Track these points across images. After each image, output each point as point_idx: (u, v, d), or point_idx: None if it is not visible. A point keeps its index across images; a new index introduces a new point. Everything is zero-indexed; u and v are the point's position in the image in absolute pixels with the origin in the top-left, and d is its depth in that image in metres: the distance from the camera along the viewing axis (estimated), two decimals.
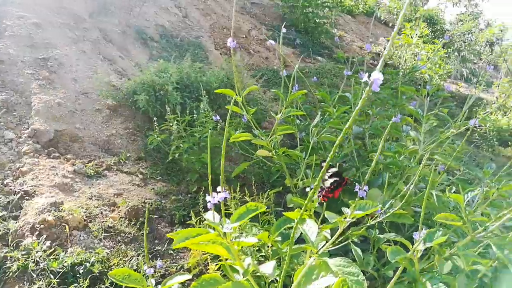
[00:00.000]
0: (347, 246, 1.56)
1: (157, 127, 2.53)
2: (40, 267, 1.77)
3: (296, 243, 1.55)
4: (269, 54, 5.74)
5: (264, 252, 1.55)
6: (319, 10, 6.73)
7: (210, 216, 1.05)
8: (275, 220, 1.65)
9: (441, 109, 1.71)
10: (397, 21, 0.58)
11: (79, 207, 2.14)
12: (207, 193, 2.31)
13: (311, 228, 1.18)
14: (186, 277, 1.32)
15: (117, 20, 4.50)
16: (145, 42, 4.48)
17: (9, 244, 1.86)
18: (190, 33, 5.12)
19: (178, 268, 1.99)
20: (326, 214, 1.15)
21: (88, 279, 1.75)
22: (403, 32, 7.23)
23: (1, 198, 2.08)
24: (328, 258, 1.09)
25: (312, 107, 2.55)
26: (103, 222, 2.12)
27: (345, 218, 1.05)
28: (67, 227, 1.99)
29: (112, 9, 4.62)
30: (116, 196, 2.34)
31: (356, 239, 1.57)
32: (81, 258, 1.85)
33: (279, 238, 1.52)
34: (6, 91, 2.82)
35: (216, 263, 1.73)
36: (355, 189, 1.01)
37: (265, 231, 1.54)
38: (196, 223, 1.72)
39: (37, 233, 1.93)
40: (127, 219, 2.18)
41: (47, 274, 1.74)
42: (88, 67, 3.55)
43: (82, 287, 1.73)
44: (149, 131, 2.84)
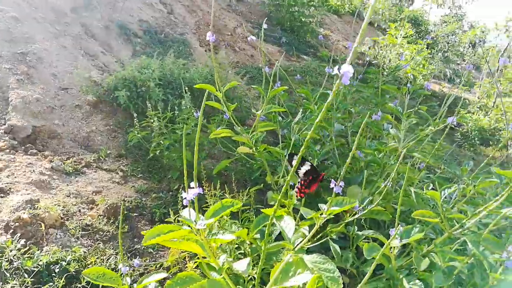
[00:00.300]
0: (328, 243, 1.56)
1: (137, 123, 2.49)
2: (14, 266, 1.71)
3: (276, 240, 1.54)
4: (255, 52, 5.73)
5: (243, 250, 1.54)
6: (305, 9, 6.74)
7: (186, 213, 1.03)
8: (255, 218, 1.63)
9: (420, 106, 1.72)
10: (367, 13, 0.57)
11: (56, 205, 2.09)
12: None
13: (288, 225, 1.17)
14: (163, 275, 1.30)
15: (99, 15, 4.42)
16: (128, 38, 4.41)
17: None
18: (174, 29, 5.07)
19: (158, 266, 1.96)
20: (302, 210, 1.14)
21: (64, 278, 1.71)
22: (388, 33, 7.29)
23: None
24: (305, 255, 1.08)
25: (295, 104, 2.54)
26: (80, 220, 2.08)
27: (321, 214, 1.04)
28: (43, 225, 1.94)
29: (94, 4, 4.54)
30: (95, 194, 2.30)
31: (335, 236, 1.57)
32: (57, 256, 1.80)
33: (259, 236, 1.51)
34: None
35: (194, 261, 1.71)
36: (331, 186, 1.00)
37: (244, 228, 1.53)
38: (174, 220, 1.69)
39: (11, 231, 1.88)
40: (106, 217, 2.14)
41: (21, 273, 1.69)
42: (68, 62, 3.47)
43: (57, 286, 1.69)
44: (130, 128, 2.80)
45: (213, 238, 1.13)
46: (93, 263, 1.84)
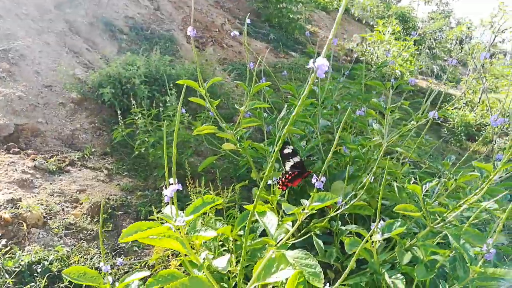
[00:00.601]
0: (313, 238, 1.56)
1: (121, 121, 2.46)
2: None
3: (262, 236, 1.53)
4: (242, 49, 5.70)
5: (227, 247, 1.53)
6: (292, 6, 6.73)
7: (168, 210, 1.02)
8: (240, 214, 1.62)
9: (402, 101, 1.72)
10: (342, 4, 0.56)
11: (38, 204, 2.06)
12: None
13: (271, 221, 1.17)
14: (145, 273, 1.29)
15: (84, 12, 4.36)
16: (113, 35, 4.35)
17: None
18: (161, 26, 5.02)
19: (143, 265, 1.94)
20: (284, 205, 1.13)
21: (46, 278, 1.68)
22: (375, 29, 7.33)
23: None
24: (288, 250, 1.08)
25: (280, 100, 2.54)
26: (64, 219, 2.05)
27: (303, 210, 1.03)
28: (25, 224, 1.91)
29: (79, 0, 4.47)
30: (79, 192, 2.26)
31: (320, 232, 1.57)
32: (39, 256, 1.77)
33: (243, 232, 1.50)
34: None
35: (177, 259, 1.69)
36: (312, 181, 1.00)
37: (229, 225, 1.52)
38: (157, 218, 1.67)
39: None
40: (90, 216, 2.11)
41: (1, 274, 1.66)
42: (52, 59, 3.42)
43: (39, 286, 1.66)
44: (115, 126, 2.76)
45: (195, 235, 1.12)
46: (76, 262, 1.82)
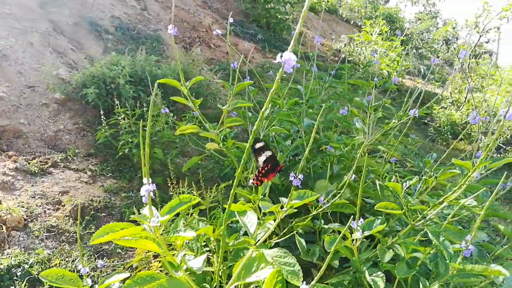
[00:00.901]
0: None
1: (104, 121, 2.43)
2: None
3: (245, 235, 1.52)
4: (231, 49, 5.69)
5: (209, 247, 1.52)
6: (280, 6, 6.74)
7: (147, 211, 1.00)
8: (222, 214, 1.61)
9: (384, 100, 1.73)
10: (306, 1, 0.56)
11: (19, 206, 2.02)
12: (159, 189, 2.22)
13: (251, 220, 1.15)
14: (125, 275, 1.27)
15: (69, 12, 4.30)
16: (99, 35, 4.31)
17: None
18: (148, 26, 4.98)
19: (127, 267, 1.91)
20: (261, 204, 1.12)
21: (26, 281, 1.65)
22: (363, 30, 7.38)
23: None
24: (267, 249, 1.07)
25: (265, 100, 2.53)
26: (45, 221, 2.01)
27: (281, 208, 1.02)
28: (4, 227, 1.87)
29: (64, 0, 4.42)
30: (61, 194, 2.23)
31: (303, 231, 1.56)
32: (19, 259, 1.74)
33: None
34: None
35: (158, 260, 1.67)
36: (290, 178, 0.99)
37: (212, 225, 1.50)
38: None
39: None
40: (72, 218, 2.08)
41: None
42: (35, 59, 3.37)
43: None
44: (100, 126, 2.73)
45: (174, 235, 1.11)
46: (57, 265, 1.79)
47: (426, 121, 6.10)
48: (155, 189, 0.87)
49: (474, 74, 6.75)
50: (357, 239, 1.15)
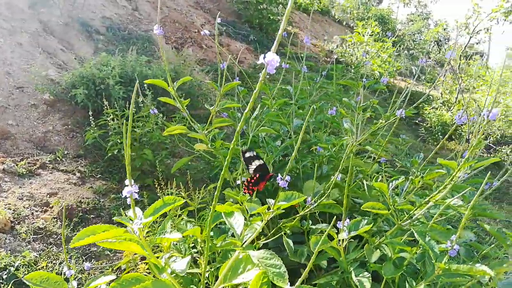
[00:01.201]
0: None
1: (93, 122, 2.41)
2: None
3: (234, 237, 1.51)
4: (223, 49, 5.67)
5: (197, 249, 1.51)
6: (273, 7, 6.74)
7: (132, 212, 0.99)
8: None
9: (372, 100, 1.74)
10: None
11: (6, 208, 2.00)
12: (149, 190, 2.20)
13: (238, 221, 1.15)
14: (110, 277, 1.25)
15: (59, 12, 4.27)
16: (90, 35, 4.28)
17: None
18: (139, 26, 4.96)
19: (115, 269, 1.90)
20: (247, 205, 1.12)
21: (11, 284, 1.63)
22: (355, 31, 7.41)
23: None
24: (254, 250, 1.06)
25: (257, 101, 2.53)
26: (33, 223, 1.99)
27: (268, 209, 1.02)
28: None
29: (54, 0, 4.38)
30: (49, 196, 2.20)
31: (291, 232, 1.56)
32: (6, 262, 1.72)
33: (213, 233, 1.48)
34: None
35: (145, 262, 1.66)
36: (277, 180, 0.99)
37: (199, 226, 1.50)
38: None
39: None
40: (60, 220, 2.06)
41: None
42: (24, 60, 3.33)
43: None
44: (89, 127, 2.71)
45: (160, 237, 1.10)
46: (44, 267, 1.77)
47: (417, 121, 6.13)
48: (137, 190, 0.86)
49: (465, 75, 6.81)
50: (343, 240, 1.15)
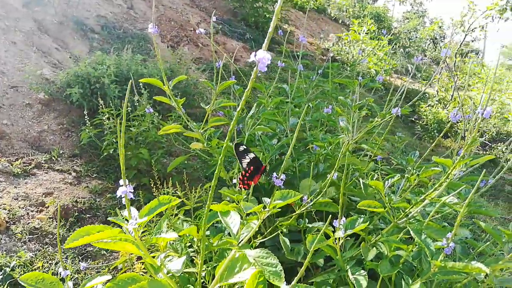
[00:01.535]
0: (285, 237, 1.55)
1: (88, 121, 2.40)
2: None
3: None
4: (218, 48, 5.67)
5: (193, 248, 1.51)
6: (268, 5, 6.73)
7: (127, 212, 0.99)
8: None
9: (367, 98, 1.74)
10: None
11: (1, 209, 1.98)
12: (145, 189, 2.20)
13: (234, 220, 1.15)
14: (106, 277, 1.25)
15: (53, 11, 4.24)
16: (85, 34, 4.26)
17: None
18: (134, 25, 4.94)
19: (111, 269, 1.89)
20: (242, 204, 1.12)
21: (7, 285, 1.62)
22: (351, 29, 7.41)
23: None
24: (250, 249, 1.06)
25: (251, 99, 2.52)
26: (28, 223, 1.98)
27: (264, 208, 1.02)
28: None
29: None
30: (45, 196, 2.19)
31: (289, 230, 1.56)
32: (1, 262, 1.71)
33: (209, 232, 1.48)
34: None
35: (141, 262, 1.66)
36: (273, 179, 0.99)
37: (196, 225, 1.49)
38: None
39: None
40: (56, 220, 2.05)
41: None
42: (19, 59, 3.31)
43: None
44: (85, 126, 2.70)
45: (155, 237, 1.10)
46: (40, 268, 1.76)
47: (413, 119, 6.15)
48: (132, 190, 0.86)
49: (460, 73, 6.83)
50: (339, 238, 1.15)
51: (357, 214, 1.73)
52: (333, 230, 1.25)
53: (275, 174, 1.00)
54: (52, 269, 1.78)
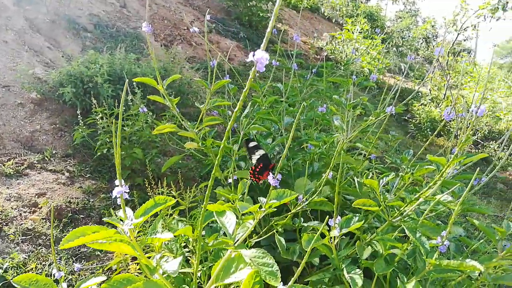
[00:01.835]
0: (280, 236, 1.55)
1: (81, 121, 2.38)
2: None
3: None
4: (212, 47, 5.65)
5: (189, 248, 1.50)
6: (262, 4, 6.73)
7: (122, 213, 0.98)
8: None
9: (361, 97, 1.74)
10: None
11: None
12: (139, 189, 2.19)
13: (230, 220, 1.14)
14: (101, 279, 1.24)
15: (45, 9, 4.20)
16: (77, 33, 4.22)
17: None
18: (127, 23, 4.90)
19: (106, 270, 1.88)
20: (238, 204, 1.11)
21: (0, 287, 1.60)
22: (344, 28, 7.43)
23: None
24: (246, 249, 1.06)
25: (246, 99, 2.52)
26: (21, 224, 1.96)
27: (260, 208, 1.02)
28: None
29: None
30: (38, 196, 2.17)
31: (285, 229, 1.56)
32: None
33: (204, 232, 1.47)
34: None
35: (136, 263, 1.65)
36: (268, 179, 0.99)
37: (191, 225, 1.49)
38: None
39: None
40: (49, 220, 2.03)
41: None
42: (10, 58, 3.27)
43: None
44: (77, 126, 2.67)
45: (150, 237, 1.09)
46: (33, 269, 1.74)
47: (406, 118, 6.18)
48: (127, 190, 0.85)
49: (453, 72, 6.88)
50: (335, 237, 1.15)
51: (352, 212, 1.74)
52: (328, 229, 1.25)
53: (271, 175, 0.99)
54: (46, 271, 1.77)
